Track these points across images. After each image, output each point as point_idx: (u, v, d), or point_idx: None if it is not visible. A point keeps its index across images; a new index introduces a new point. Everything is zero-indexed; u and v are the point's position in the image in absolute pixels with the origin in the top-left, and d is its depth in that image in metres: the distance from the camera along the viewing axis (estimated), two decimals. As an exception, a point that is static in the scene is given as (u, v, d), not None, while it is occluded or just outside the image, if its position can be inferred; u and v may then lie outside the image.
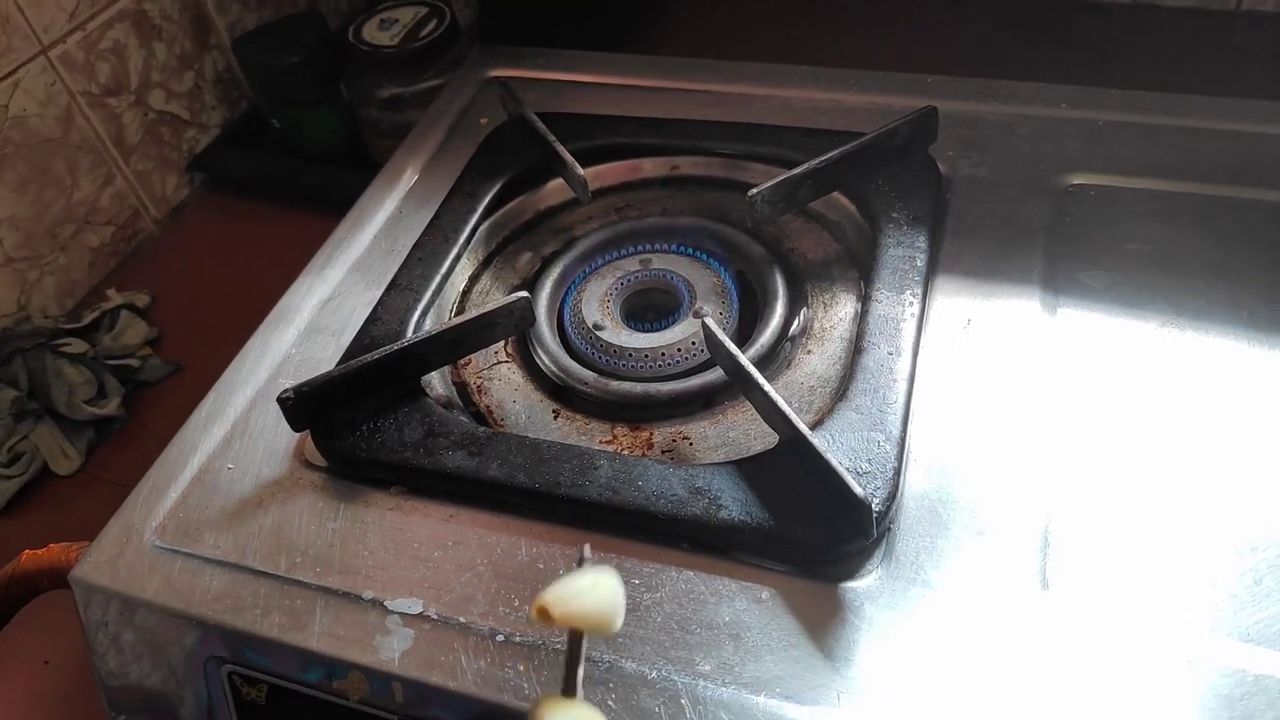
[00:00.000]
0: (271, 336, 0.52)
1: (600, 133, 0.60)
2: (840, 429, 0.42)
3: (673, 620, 0.39)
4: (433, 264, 0.53)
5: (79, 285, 0.77)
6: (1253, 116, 0.55)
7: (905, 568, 0.39)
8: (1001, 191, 0.53)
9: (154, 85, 0.79)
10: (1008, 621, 0.37)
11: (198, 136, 0.84)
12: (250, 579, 0.42)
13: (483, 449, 0.44)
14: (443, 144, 0.64)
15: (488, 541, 0.42)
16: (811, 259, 0.55)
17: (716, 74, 0.64)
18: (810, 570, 0.40)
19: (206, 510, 0.45)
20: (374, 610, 0.40)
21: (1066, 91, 0.59)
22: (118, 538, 0.45)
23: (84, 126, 0.74)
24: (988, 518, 0.40)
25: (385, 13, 0.75)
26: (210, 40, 0.83)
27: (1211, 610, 0.37)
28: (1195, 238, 0.50)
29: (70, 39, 0.72)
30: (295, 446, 0.47)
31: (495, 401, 0.50)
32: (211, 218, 0.83)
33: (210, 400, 0.50)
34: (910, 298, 0.47)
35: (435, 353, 0.47)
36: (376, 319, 0.51)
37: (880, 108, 0.59)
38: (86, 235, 0.76)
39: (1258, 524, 0.39)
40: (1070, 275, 0.49)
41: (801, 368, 0.49)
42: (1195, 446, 0.42)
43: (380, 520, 0.44)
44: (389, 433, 0.45)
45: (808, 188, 0.53)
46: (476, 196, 0.57)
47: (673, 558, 0.41)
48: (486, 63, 0.69)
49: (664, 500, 0.41)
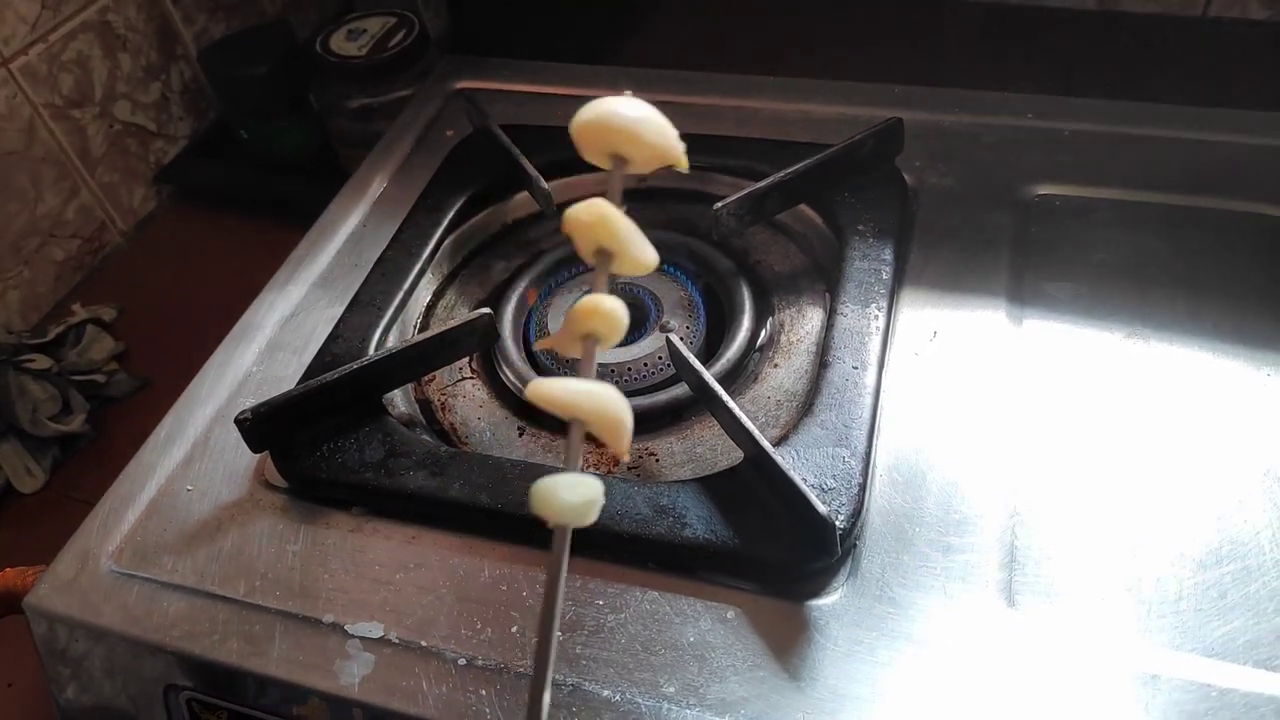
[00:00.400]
0: (232, 354, 0.52)
1: (566, 144, 0.59)
2: (805, 445, 0.42)
3: (637, 641, 0.38)
4: (396, 279, 0.53)
5: (44, 299, 0.76)
6: (1217, 125, 0.56)
7: (871, 585, 0.39)
8: (968, 202, 0.53)
9: (119, 96, 0.78)
10: (973, 639, 0.37)
11: (165, 148, 0.83)
12: (209, 604, 0.42)
13: (445, 469, 0.43)
14: (409, 156, 0.63)
15: (450, 563, 0.42)
16: (779, 271, 0.54)
17: (684, 85, 0.64)
18: (775, 588, 0.39)
19: (165, 533, 0.44)
20: (334, 635, 0.40)
21: (1033, 101, 0.59)
22: (73, 563, 0.44)
23: (47, 139, 0.73)
24: (954, 533, 0.40)
25: (354, 23, 0.75)
26: (176, 50, 0.82)
27: (1176, 625, 0.37)
28: (1159, 248, 0.50)
29: (32, 50, 0.71)
30: (255, 467, 0.46)
31: (459, 419, 0.50)
32: (180, 230, 0.82)
33: (169, 421, 0.49)
34: (876, 311, 0.47)
35: (397, 371, 0.47)
36: (338, 336, 0.50)
37: (848, 118, 0.59)
38: (51, 249, 0.75)
39: (1222, 537, 0.39)
40: (1036, 286, 0.49)
41: (768, 382, 0.49)
42: (1160, 459, 0.42)
43: (341, 542, 0.43)
44: (350, 453, 0.44)
45: (773, 201, 0.53)
46: (441, 211, 0.57)
47: (638, 578, 0.40)
48: (453, 74, 0.69)
49: (628, 519, 0.41)
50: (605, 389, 0.27)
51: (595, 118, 0.29)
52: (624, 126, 0.28)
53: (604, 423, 0.27)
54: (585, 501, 0.27)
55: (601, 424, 0.28)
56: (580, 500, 0.27)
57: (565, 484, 0.27)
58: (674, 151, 0.29)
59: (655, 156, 0.29)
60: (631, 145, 0.29)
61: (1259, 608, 0.37)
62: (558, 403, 0.27)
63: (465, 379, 0.52)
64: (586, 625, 0.39)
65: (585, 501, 0.27)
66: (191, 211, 0.83)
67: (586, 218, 0.28)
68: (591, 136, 0.29)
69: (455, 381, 0.52)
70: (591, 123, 0.29)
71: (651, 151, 0.29)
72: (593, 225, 0.28)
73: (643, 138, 0.29)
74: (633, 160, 0.29)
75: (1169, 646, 0.36)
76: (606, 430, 0.28)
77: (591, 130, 0.29)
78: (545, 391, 0.27)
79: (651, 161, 0.29)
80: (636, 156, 0.29)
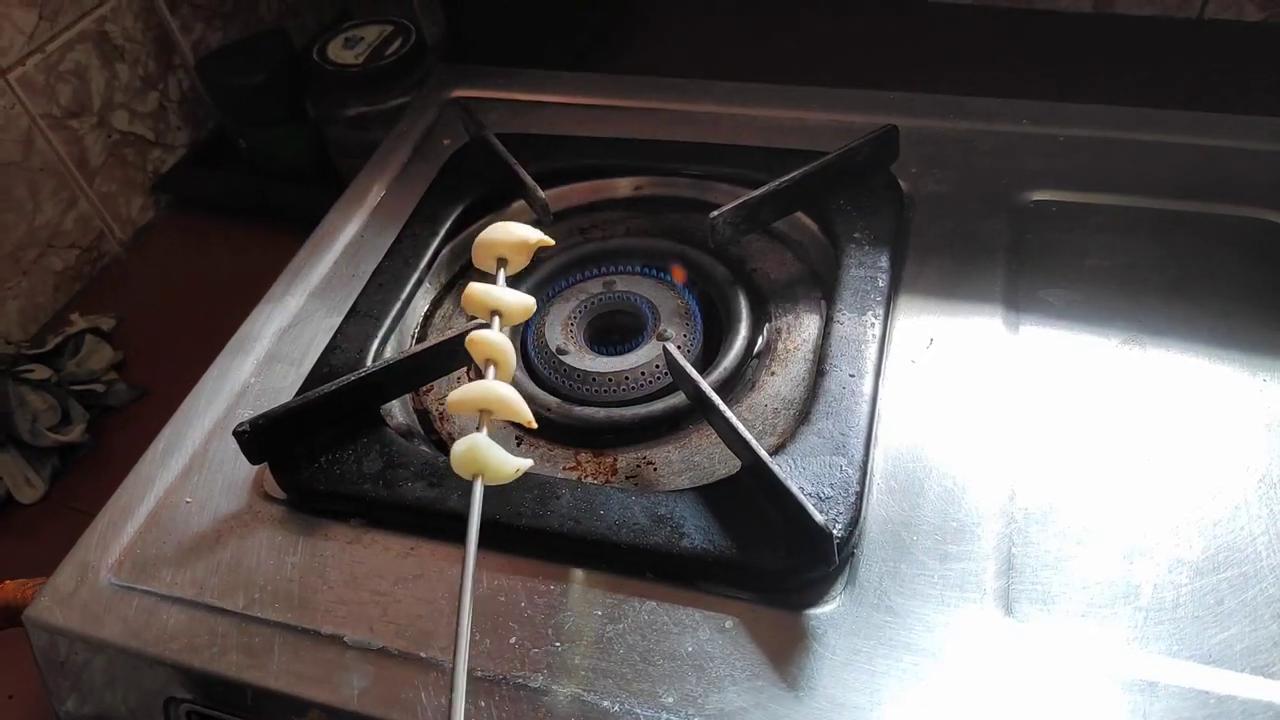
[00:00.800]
0: (230, 366, 0.52)
1: (563, 154, 0.60)
2: (802, 453, 0.42)
3: (635, 652, 0.38)
4: (393, 290, 0.53)
5: (43, 310, 0.76)
6: (1212, 130, 0.56)
7: (869, 593, 0.39)
8: (963, 209, 0.53)
9: (117, 106, 0.78)
10: (972, 647, 0.37)
11: (163, 157, 0.83)
12: (208, 616, 0.42)
13: (443, 479, 0.43)
14: (406, 166, 0.63)
15: (449, 574, 0.42)
16: (775, 279, 0.54)
17: (679, 93, 0.64)
18: (773, 598, 0.39)
19: (164, 546, 0.44)
20: (333, 646, 0.40)
21: (1028, 107, 0.59)
22: (73, 576, 0.44)
23: (45, 149, 0.73)
24: (951, 541, 0.40)
25: (350, 31, 0.75)
26: (174, 60, 0.82)
27: (1174, 632, 0.37)
28: (1155, 253, 0.51)
29: (29, 61, 0.71)
30: (254, 479, 0.46)
31: (457, 429, 0.50)
32: (178, 239, 0.82)
33: (168, 432, 0.49)
34: (872, 318, 0.47)
35: (395, 382, 0.47)
36: (336, 347, 0.50)
37: (843, 125, 0.59)
38: (50, 259, 0.75)
39: (1219, 544, 0.39)
40: (1032, 293, 0.49)
41: (765, 389, 0.49)
42: (1157, 466, 0.42)
43: (340, 554, 0.43)
44: (348, 464, 0.44)
45: (769, 209, 0.53)
46: (438, 220, 0.57)
47: (636, 588, 0.40)
48: (449, 83, 0.69)
49: (626, 529, 0.41)
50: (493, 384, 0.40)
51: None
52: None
53: (506, 409, 0.39)
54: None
55: (505, 410, 0.39)
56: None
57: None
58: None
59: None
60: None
61: (1256, 614, 0.37)
62: (466, 401, 0.39)
63: (463, 388, 0.52)
64: (585, 635, 0.39)
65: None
66: (189, 220, 0.83)
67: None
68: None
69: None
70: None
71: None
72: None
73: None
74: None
75: (1166, 654, 0.36)
76: (510, 414, 0.39)
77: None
78: (454, 397, 0.40)
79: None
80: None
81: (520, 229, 0.45)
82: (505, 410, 0.39)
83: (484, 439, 0.38)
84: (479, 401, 0.39)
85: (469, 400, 0.39)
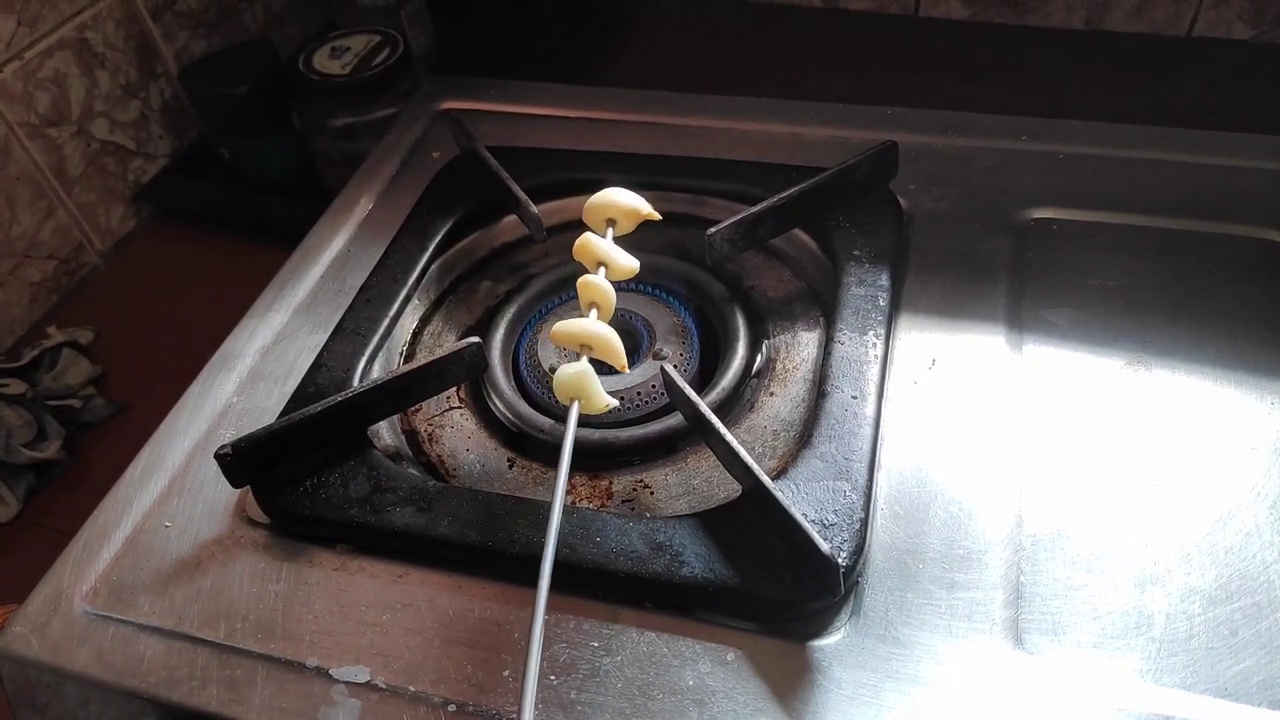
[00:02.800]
0: (212, 384, 0.50)
1: (556, 167, 0.59)
2: (804, 478, 0.41)
3: (634, 686, 0.37)
4: (381, 306, 0.51)
5: (18, 322, 0.74)
6: (1212, 149, 0.55)
7: (874, 624, 0.38)
8: (963, 227, 0.53)
9: (97, 115, 0.76)
10: (981, 680, 0.36)
11: (144, 166, 0.82)
12: (187, 647, 0.40)
13: (432, 504, 0.42)
14: (394, 178, 0.62)
15: (438, 603, 0.40)
16: (773, 297, 0.53)
17: (674, 107, 0.63)
18: (776, 628, 0.38)
19: (141, 572, 0.43)
20: (318, 679, 0.38)
21: (1026, 123, 0.58)
22: (45, 604, 0.42)
23: (23, 158, 0.71)
24: (958, 569, 0.39)
25: (337, 41, 0.74)
26: (156, 68, 0.81)
27: (1188, 664, 0.36)
28: (1157, 272, 0.50)
29: (7, 68, 0.69)
30: (236, 502, 0.45)
31: (447, 451, 0.48)
32: (159, 250, 0.80)
33: (147, 453, 0.48)
34: (874, 338, 0.46)
35: (382, 402, 0.45)
36: (321, 365, 0.49)
37: (840, 141, 0.58)
38: (27, 270, 0.73)
39: (1231, 572, 0.38)
40: (1034, 312, 0.49)
41: (764, 410, 0.48)
42: (1166, 491, 0.41)
43: (325, 581, 0.42)
44: (334, 488, 0.43)
45: (767, 225, 0.52)
46: (426, 235, 0.55)
47: (634, 618, 0.39)
48: (439, 94, 0.68)
49: (623, 557, 0.39)
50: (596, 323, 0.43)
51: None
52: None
53: (604, 348, 0.42)
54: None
55: (603, 349, 0.42)
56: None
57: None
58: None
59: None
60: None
61: (1271, 645, 0.36)
62: (572, 335, 0.42)
63: (453, 409, 0.50)
64: (580, 669, 0.38)
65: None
66: (171, 231, 0.81)
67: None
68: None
69: (443, 411, 0.50)
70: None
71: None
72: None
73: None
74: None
75: (1181, 687, 0.35)
76: (607, 354, 0.42)
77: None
78: (559, 328, 0.43)
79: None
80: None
81: (634, 198, 0.48)
82: (605, 349, 0.42)
83: (590, 369, 0.41)
84: (582, 336, 0.42)
85: (574, 334, 0.42)
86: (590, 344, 0.42)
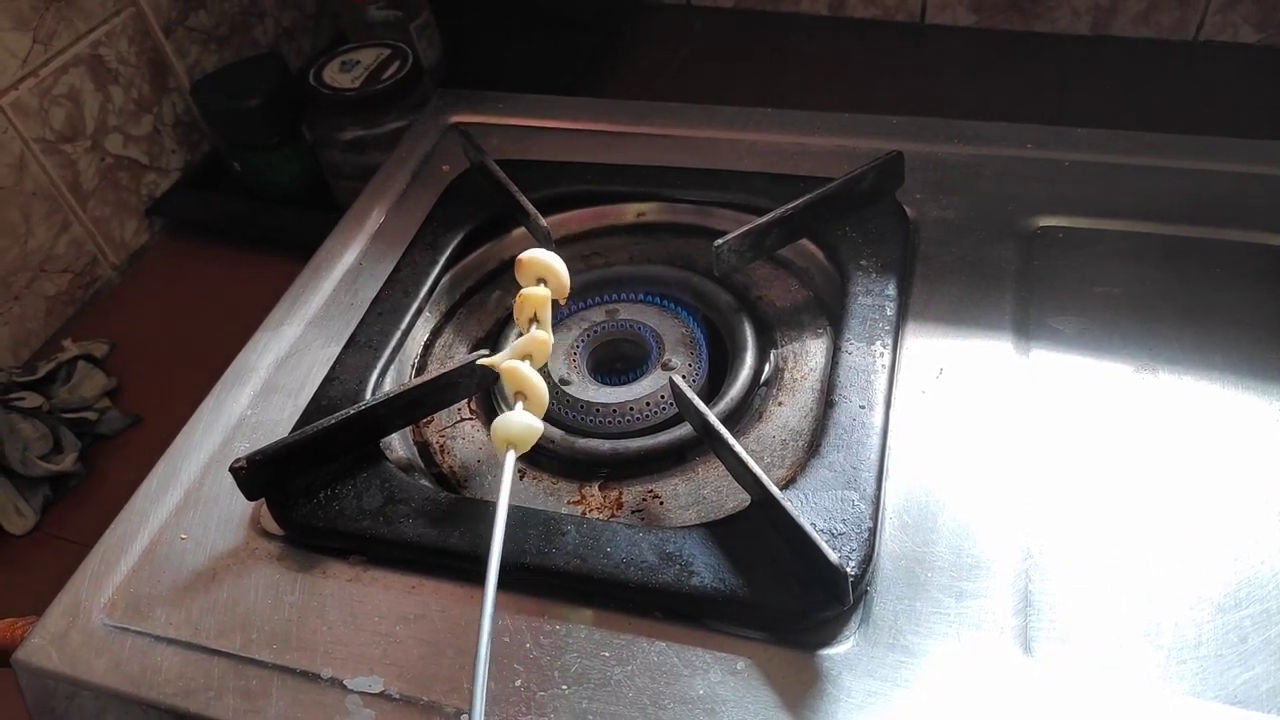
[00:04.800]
0: (226, 397, 0.51)
1: (564, 180, 0.59)
2: (813, 488, 0.41)
3: (645, 695, 0.37)
4: (393, 319, 0.52)
5: (34, 335, 0.75)
6: (1217, 155, 0.55)
7: (883, 633, 0.38)
8: (969, 235, 0.53)
9: (111, 130, 0.77)
10: (990, 688, 0.36)
11: (157, 181, 0.82)
12: (203, 658, 0.40)
13: (445, 516, 0.42)
14: (405, 191, 0.62)
15: (452, 614, 0.41)
16: (780, 306, 0.54)
17: (681, 118, 0.63)
18: (786, 638, 0.38)
19: (158, 585, 0.43)
20: (333, 690, 0.39)
21: (1031, 131, 0.58)
22: (63, 617, 0.43)
23: (38, 173, 0.72)
24: (967, 577, 0.39)
25: (347, 54, 0.74)
26: (169, 83, 0.82)
27: (1197, 671, 0.36)
28: (1164, 279, 0.50)
29: (23, 85, 0.70)
30: (251, 515, 0.45)
31: (459, 462, 0.49)
32: (172, 263, 0.81)
33: (162, 466, 0.48)
34: (881, 348, 0.47)
35: (395, 415, 0.46)
36: (334, 379, 0.49)
37: (846, 150, 0.58)
38: (42, 284, 0.74)
39: (1240, 579, 0.38)
40: (1041, 320, 0.49)
41: (772, 420, 0.48)
42: (1175, 498, 0.41)
43: (339, 592, 0.42)
44: (347, 500, 0.43)
45: (774, 236, 0.52)
46: (437, 248, 0.56)
47: (644, 628, 0.39)
48: (448, 108, 0.68)
49: (634, 568, 0.40)
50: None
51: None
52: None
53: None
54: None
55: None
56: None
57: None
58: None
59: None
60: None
61: (1280, 653, 0.36)
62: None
63: (464, 420, 0.51)
64: (592, 678, 0.38)
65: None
66: (184, 245, 0.82)
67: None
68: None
69: (454, 423, 0.51)
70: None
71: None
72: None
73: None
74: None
75: (1191, 694, 0.35)
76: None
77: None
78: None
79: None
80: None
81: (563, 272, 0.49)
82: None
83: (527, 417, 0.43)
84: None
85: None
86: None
